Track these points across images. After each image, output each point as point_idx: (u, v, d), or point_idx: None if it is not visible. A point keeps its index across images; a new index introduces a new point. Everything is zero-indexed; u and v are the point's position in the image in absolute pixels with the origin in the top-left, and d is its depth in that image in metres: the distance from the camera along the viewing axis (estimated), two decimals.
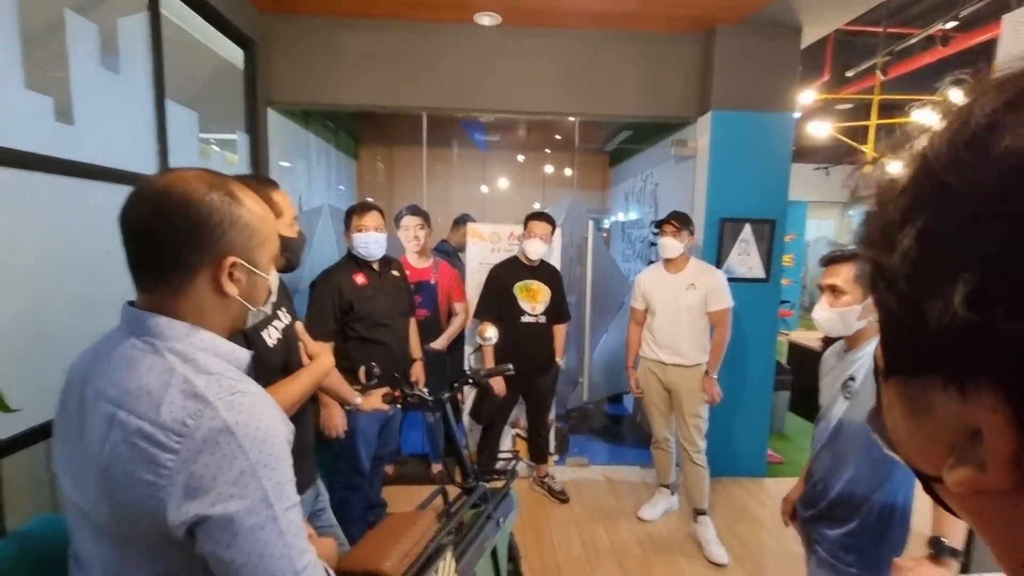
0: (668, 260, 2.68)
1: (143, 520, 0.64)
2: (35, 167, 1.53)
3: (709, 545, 2.55)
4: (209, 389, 0.65)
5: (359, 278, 2.18)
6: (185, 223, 0.69)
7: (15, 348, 1.44)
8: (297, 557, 0.68)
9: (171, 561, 0.67)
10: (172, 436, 0.62)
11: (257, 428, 0.66)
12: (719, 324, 2.63)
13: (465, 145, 5.46)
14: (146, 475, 0.62)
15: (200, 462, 0.62)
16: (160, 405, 0.63)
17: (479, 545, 1.70)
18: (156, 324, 0.69)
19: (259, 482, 0.65)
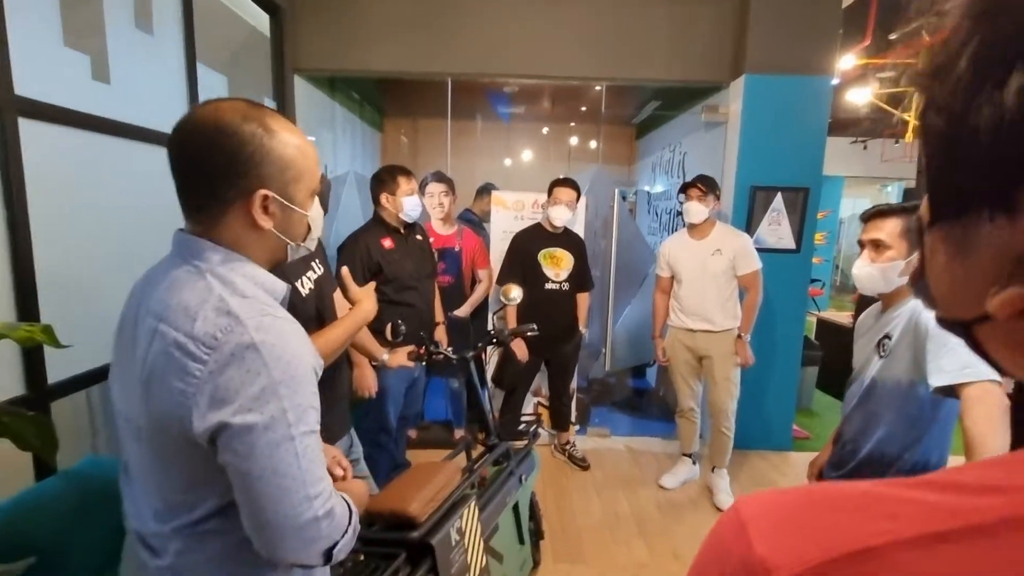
0: (693, 226, 2.65)
1: (173, 425, 0.67)
2: (75, 124, 1.58)
3: (719, 494, 2.66)
4: (241, 309, 0.68)
5: (387, 241, 2.20)
6: (218, 156, 0.71)
7: (59, 296, 1.50)
8: (312, 482, 0.70)
9: (197, 468, 0.71)
10: (203, 348, 0.66)
11: (283, 350, 0.68)
12: (750, 287, 2.61)
13: (489, 118, 5.41)
14: (177, 383, 0.66)
15: (226, 374, 0.65)
16: (195, 319, 0.67)
17: (501, 499, 1.73)
18: (200, 248, 0.73)
19: (279, 401, 0.67)
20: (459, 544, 1.40)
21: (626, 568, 2.19)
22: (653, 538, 2.40)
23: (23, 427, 1.00)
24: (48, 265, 1.47)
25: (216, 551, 0.74)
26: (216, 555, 0.74)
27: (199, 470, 0.70)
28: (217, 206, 0.73)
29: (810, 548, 0.24)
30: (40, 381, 1.46)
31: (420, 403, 2.64)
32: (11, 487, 1.36)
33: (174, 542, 0.73)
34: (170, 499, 0.73)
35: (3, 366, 1.39)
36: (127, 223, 1.74)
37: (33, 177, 1.41)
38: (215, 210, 0.73)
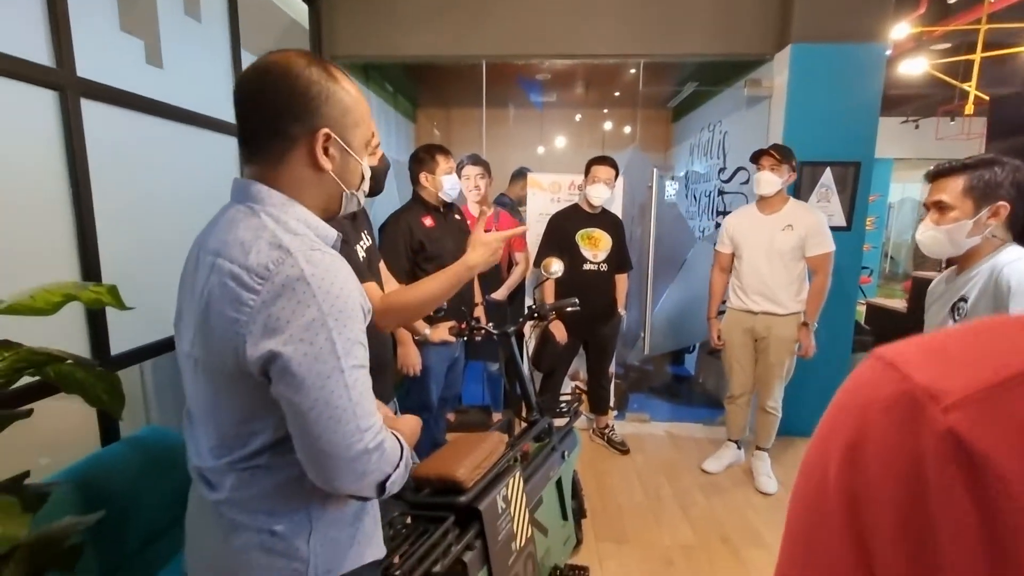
0: (762, 199, 2.48)
1: (228, 355, 0.69)
2: (131, 106, 1.64)
3: (760, 476, 2.59)
4: (292, 243, 0.70)
5: (427, 220, 2.22)
6: (285, 92, 0.73)
7: (120, 270, 1.57)
8: (362, 415, 0.71)
9: (250, 401, 0.73)
10: (255, 278, 0.68)
11: (332, 284, 0.69)
12: (819, 269, 2.43)
13: (522, 105, 5.37)
14: (232, 312, 0.68)
15: (277, 304, 0.67)
16: (249, 252, 0.69)
17: (545, 472, 1.72)
18: (257, 191, 0.75)
19: (328, 333, 0.68)
20: (505, 512, 1.40)
21: (671, 548, 2.15)
22: (698, 521, 2.34)
23: (93, 383, 1.05)
24: (110, 241, 1.53)
25: (269, 486, 0.76)
26: (269, 490, 0.76)
27: (252, 403, 0.72)
28: (280, 144, 0.75)
29: (978, 370, 0.21)
30: (104, 351, 1.53)
31: (460, 384, 2.65)
32: (79, 453, 1.44)
33: (229, 476, 0.76)
34: (226, 433, 0.75)
35: (72, 337, 1.47)
36: (179, 204, 1.81)
37: (94, 156, 1.48)
38: (277, 149, 0.75)
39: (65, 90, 1.40)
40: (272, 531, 0.76)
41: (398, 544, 1.18)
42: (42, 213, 1.37)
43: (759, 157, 2.43)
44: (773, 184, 2.41)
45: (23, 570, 1.04)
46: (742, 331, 2.59)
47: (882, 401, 0.23)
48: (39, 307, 1.00)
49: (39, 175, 1.36)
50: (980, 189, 1.21)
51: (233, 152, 2.14)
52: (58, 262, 1.42)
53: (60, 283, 1.03)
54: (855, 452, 0.24)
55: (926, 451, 0.21)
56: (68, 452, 1.48)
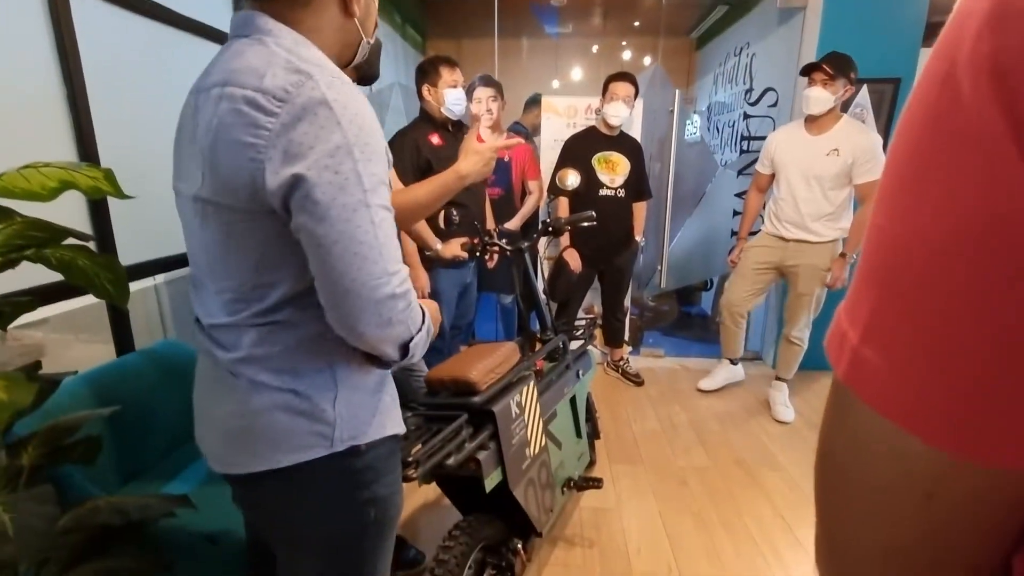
0: (812, 119, 2.26)
1: (245, 187, 0.64)
2: (127, 5, 1.55)
3: (776, 406, 2.56)
4: (311, 67, 0.64)
5: (435, 138, 2.12)
6: None
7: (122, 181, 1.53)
8: (389, 258, 0.67)
9: (268, 243, 0.67)
10: (273, 101, 0.62)
11: (356, 112, 0.64)
12: (867, 199, 2.22)
13: (536, 35, 5.10)
14: (248, 138, 0.62)
15: (299, 129, 0.61)
16: (264, 76, 0.63)
17: (559, 387, 1.70)
18: (264, 23, 0.68)
19: (354, 163, 0.63)
20: (519, 418, 1.38)
21: (685, 470, 2.15)
22: (713, 446, 2.34)
23: (97, 272, 1.02)
24: (109, 147, 1.48)
25: (291, 342, 0.72)
26: (292, 346, 0.72)
27: (270, 244, 0.67)
28: None
29: None
30: (108, 238, 1.52)
31: (472, 312, 2.62)
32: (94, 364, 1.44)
33: (248, 333, 0.71)
34: (243, 282, 0.70)
35: (72, 221, 1.44)
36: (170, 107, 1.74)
37: (88, 57, 1.41)
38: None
39: None
40: (295, 391, 0.72)
41: (412, 441, 1.17)
42: (38, 117, 1.32)
43: (811, 71, 2.20)
44: (823, 102, 2.17)
45: (40, 455, 1.05)
46: (769, 253, 2.46)
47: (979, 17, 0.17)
48: (34, 191, 0.96)
49: (31, 76, 1.30)
50: None
51: None
52: None
53: (52, 163, 0.98)
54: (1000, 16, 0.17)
55: None
56: (82, 366, 1.49)
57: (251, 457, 0.74)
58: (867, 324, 0.23)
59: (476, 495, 1.27)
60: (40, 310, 1.33)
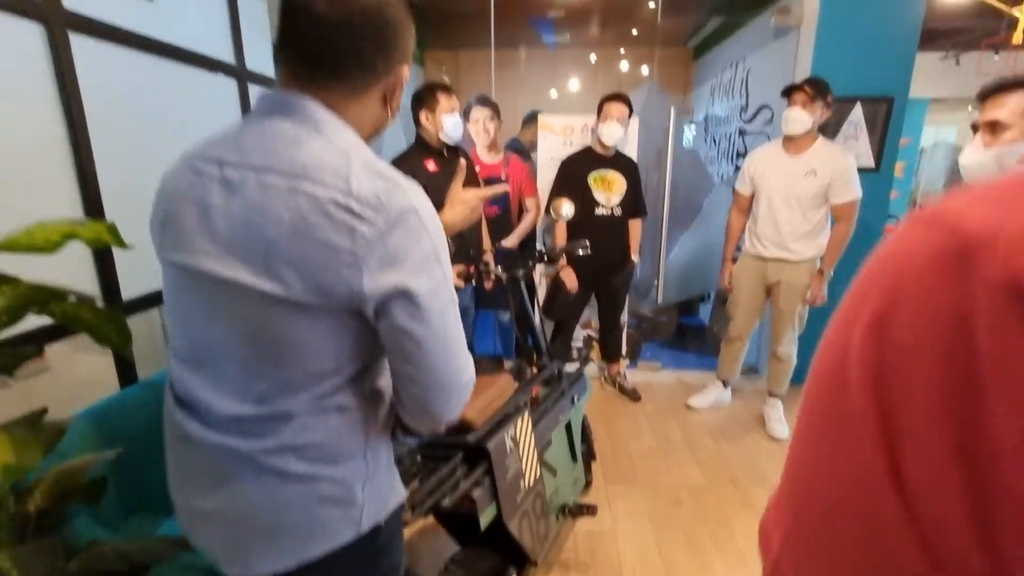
0: (789, 138, 2.32)
1: (333, 288, 0.63)
2: (125, 42, 1.57)
3: (771, 422, 2.59)
4: (391, 172, 0.67)
5: (430, 164, 2.15)
6: (382, 23, 0.68)
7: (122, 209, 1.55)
8: (464, 345, 0.73)
9: (343, 337, 0.67)
10: (367, 208, 0.62)
11: (434, 216, 0.68)
12: (842, 218, 2.30)
13: (533, 46, 5.13)
14: (343, 242, 0.61)
15: (395, 235, 0.63)
16: (349, 178, 0.63)
17: (554, 416, 1.73)
18: (319, 113, 0.67)
19: (441, 266, 0.68)
20: (514, 451, 1.41)
21: (680, 489, 2.18)
22: (707, 464, 2.37)
23: (100, 322, 1.05)
24: (110, 183, 1.51)
25: (337, 427, 0.71)
26: (336, 432, 0.71)
27: (344, 339, 0.68)
28: (362, 76, 0.69)
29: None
30: (113, 286, 1.54)
31: (469, 334, 2.66)
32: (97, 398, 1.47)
33: (287, 422, 0.68)
34: (294, 374, 0.67)
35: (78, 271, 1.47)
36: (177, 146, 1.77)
37: (88, 94, 1.43)
38: (358, 81, 0.69)
39: (51, 23, 1.34)
40: (332, 479, 0.71)
41: (408, 480, 1.20)
42: (40, 153, 1.35)
43: (791, 92, 2.26)
44: (802, 122, 2.24)
45: (47, 501, 1.08)
46: (753, 276, 2.52)
47: (920, 261, 0.20)
48: (38, 244, 0.99)
49: (33, 117, 1.33)
50: None
51: (229, 92, 2.07)
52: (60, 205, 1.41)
53: (57, 220, 1.01)
54: (883, 322, 0.20)
55: (976, 308, 0.17)
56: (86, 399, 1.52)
57: (280, 553, 0.71)
58: (784, 539, 0.27)
59: (472, 527, 1.30)
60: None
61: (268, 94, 0.70)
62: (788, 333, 2.52)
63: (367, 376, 0.73)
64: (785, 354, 2.56)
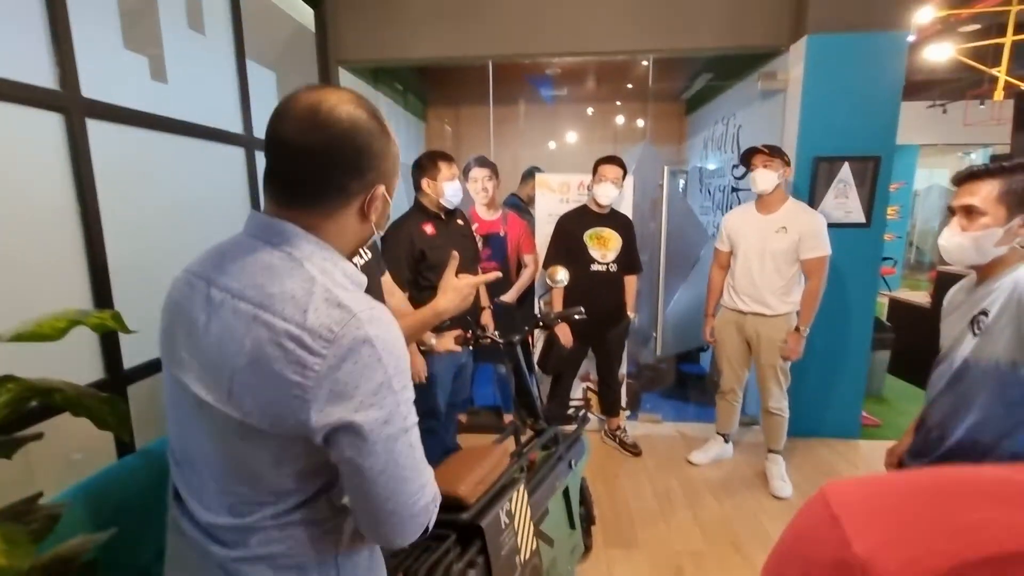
0: (761, 198, 2.48)
1: (284, 418, 0.65)
2: (136, 123, 1.66)
3: (774, 480, 2.56)
4: (351, 301, 0.67)
5: (428, 227, 2.21)
6: (349, 149, 0.70)
7: (130, 286, 1.60)
8: (423, 470, 0.71)
9: (298, 461, 0.70)
10: (319, 341, 0.64)
11: (393, 343, 0.68)
12: (813, 274, 2.41)
13: (532, 101, 5.32)
14: (293, 376, 0.63)
15: (343, 369, 0.64)
16: (306, 310, 0.65)
17: (551, 483, 1.71)
18: (292, 234, 0.70)
19: (394, 395, 0.67)
20: (509, 527, 1.40)
21: (681, 555, 2.13)
22: (709, 526, 2.32)
23: (100, 408, 1.07)
24: (120, 257, 1.56)
25: (302, 539, 0.73)
26: (302, 543, 0.73)
27: (299, 462, 0.70)
28: (335, 197, 0.72)
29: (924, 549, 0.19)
30: (117, 367, 1.56)
31: (468, 389, 2.66)
32: (95, 464, 1.47)
33: (256, 533, 0.71)
34: (259, 491, 0.71)
35: (85, 354, 1.50)
36: (189, 216, 1.83)
37: (101, 174, 1.50)
38: (330, 201, 0.72)
39: (70, 112, 1.42)
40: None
41: (400, 562, 1.19)
42: (52, 235, 1.40)
43: (750, 157, 2.44)
44: (769, 180, 2.40)
45: None
46: (734, 329, 2.61)
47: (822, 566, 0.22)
48: (45, 333, 1.02)
49: (48, 198, 1.39)
50: (1016, 195, 1.14)
51: (238, 161, 2.15)
52: (69, 280, 1.45)
53: (65, 310, 1.05)
54: None
55: None
56: (86, 463, 1.52)
57: None
58: None
59: None
60: None
61: (254, 215, 0.74)
62: (775, 387, 2.55)
63: (332, 492, 0.74)
64: (776, 408, 2.58)
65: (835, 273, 2.90)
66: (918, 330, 3.85)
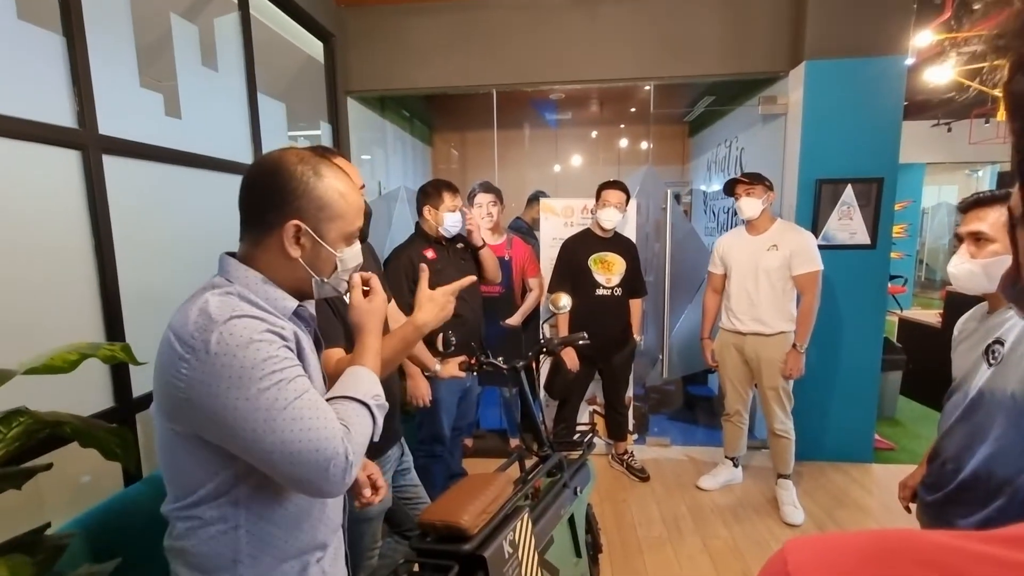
0: (750, 223, 2.54)
1: (175, 414, 0.76)
2: (151, 157, 1.71)
3: (784, 507, 2.52)
4: (216, 308, 0.74)
5: (429, 253, 2.24)
6: (268, 186, 0.82)
7: (141, 317, 1.63)
8: (319, 421, 0.74)
9: (193, 455, 0.78)
10: (185, 346, 0.73)
11: (246, 346, 0.73)
12: (806, 290, 2.43)
13: (537, 125, 5.41)
14: (172, 379, 0.74)
15: (201, 371, 0.72)
16: (187, 320, 0.74)
17: (555, 511, 1.70)
18: (226, 263, 0.85)
19: (245, 391, 0.72)
20: (512, 557, 1.38)
21: None
22: (719, 555, 2.27)
23: (108, 439, 1.09)
24: (131, 288, 1.60)
25: (202, 538, 0.80)
26: (201, 542, 0.80)
27: (193, 457, 0.77)
28: (259, 230, 0.83)
29: None
30: (127, 395, 1.59)
31: (474, 413, 2.65)
32: (102, 492, 1.49)
33: (176, 524, 0.82)
34: (174, 480, 0.81)
35: (96, 383, 1.53)
36: (199, 245, 1.87)
37: (116, 207, 1.55)
38: (257, 233, 0.83)
39: (87, 148, 1.47)
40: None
41: None
42: (67, 267, 1.44)
43: (732, 187, 2.51)
44: (754, 207, 2.46)
45: None
46: (734, 351, 2.61)
47: None
48: (57, 366, 1.05)
49: (63, 231, 1.43)
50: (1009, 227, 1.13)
51: None
52: (81, 310, 1.48)
53: (76, 344, 1.08)
54: None
55: None
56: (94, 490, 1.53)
57: None
58: None
59: None
60: None
61: None
62: (779, 408, 2.53)
63: (235, 492, 0.79)
64: (782, 430, 2.56)
65: (842, 295, 2.89)
66: (930, 351, 3.80)
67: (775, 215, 2.58)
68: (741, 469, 2.86)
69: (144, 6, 1.68)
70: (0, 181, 1.26)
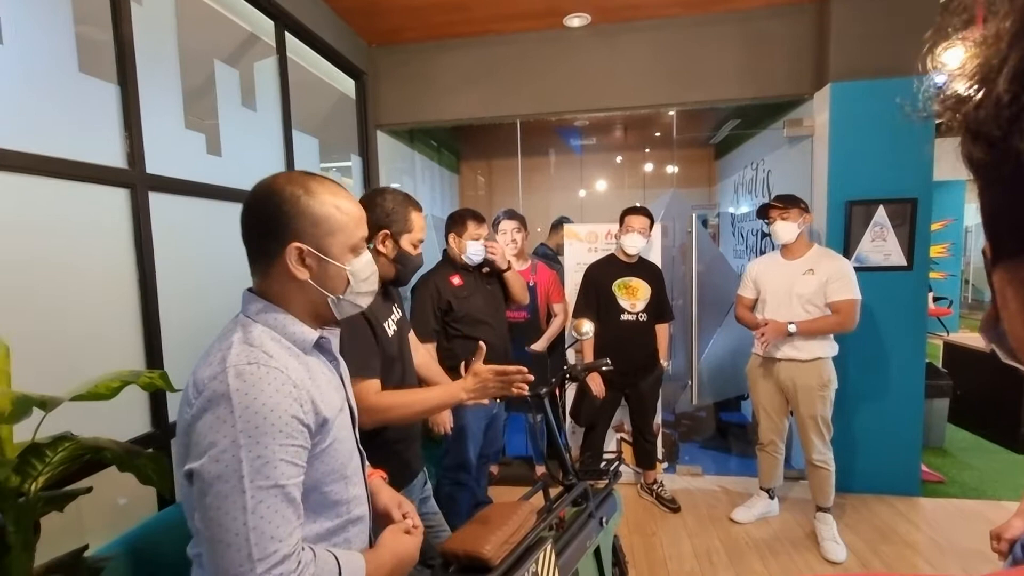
0: (785, 247, 2.47)
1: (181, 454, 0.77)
2: (193, 193, 1.82)
3: (825, 542, 2.39)
4: (233, 356, 0.73)
5: (455, 279, 2.27)
6: (262, 214, 0.82)
7: (181, 345, 1.71)
8: (259, 542, 0.67)
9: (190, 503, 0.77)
10: (195, 392, 0.74)
11: (253, 399, 0.70)
12: (838, 313, 2.33)
13: (562, 151, 5.48)
14: (181, 423, 0.76)
15: (202, 420, 0.71)
16: (206, 364, 0.76)
17: (580, 542, 1.66)
18: (247, 300, 0.84)
19: (238, 451, 0.69)
20: None
21: None
22: None
23: (144, 464, 1.13)
24: (171, 317, 1.68)
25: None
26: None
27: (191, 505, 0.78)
28: (264, 260, 0.83)
29: None
30: (163, 421, 1.65)
31: (500, 440, 2.64)
32: (137, 516, 1.54)
33: (196, 570, 0.83)
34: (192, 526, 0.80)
35: (135, 408, 1.60)
36: (236, 276, 1.95)
37: (159, 241, 1.64)
38: (263, 264, 0.83)
39: (135, 187, 1.57)
40: None
41: None
42: (112, 298, 1.53)
43: (767, 212, 2.45)
44: (790, 231, 2.40)
45: None
46: (767, 378, 2.53)
47: None
48: (101, 393, 1.11)
49: (110, 264, 1.53)
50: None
51: None
52: (124, 339, 1.57)
53: (118, 372, 1.14)
54: None
55: None
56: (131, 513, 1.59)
57: None
58: None
59: None
60: None
61: None
62: (817, 439, 2.44)
63: None
64: (820, 461, 2.45)
65: (880, 318, 2.79)
66: (978, 376, 3.60)
67: (812, 240, 2.50)
68: (777, 501, 2.74)
69: (190, 54, 1.81)
70: (56, 218, 1.36)
